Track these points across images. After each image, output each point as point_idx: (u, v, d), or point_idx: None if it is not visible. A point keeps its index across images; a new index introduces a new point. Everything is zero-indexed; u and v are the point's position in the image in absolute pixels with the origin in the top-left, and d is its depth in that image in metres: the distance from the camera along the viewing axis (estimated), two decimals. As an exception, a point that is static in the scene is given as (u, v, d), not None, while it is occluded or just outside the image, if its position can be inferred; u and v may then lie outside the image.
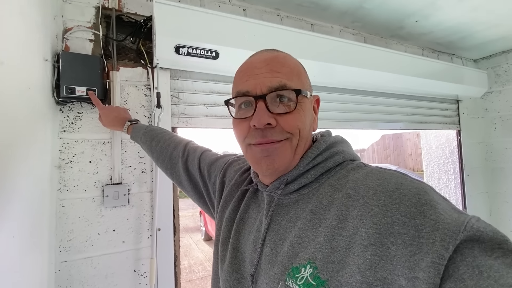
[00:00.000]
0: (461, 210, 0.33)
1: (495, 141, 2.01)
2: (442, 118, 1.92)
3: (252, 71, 0.45)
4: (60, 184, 0.91)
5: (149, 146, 0.83)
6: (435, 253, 0.28)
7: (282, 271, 0.40)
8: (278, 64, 0.45)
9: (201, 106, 1.15)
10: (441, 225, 0.30)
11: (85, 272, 0.92)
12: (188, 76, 1.13)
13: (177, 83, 1.11)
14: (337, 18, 1.43)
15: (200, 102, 1.15)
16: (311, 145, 0.48)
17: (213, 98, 1.18)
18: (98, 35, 0.98)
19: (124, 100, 1.02)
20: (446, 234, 0.29)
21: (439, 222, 0.30)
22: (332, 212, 0.39)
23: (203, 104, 1.16)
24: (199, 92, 1.15)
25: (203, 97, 1.16)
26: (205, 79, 1.17)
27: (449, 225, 0.29)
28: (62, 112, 0.94)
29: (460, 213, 0.32)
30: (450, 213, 0.31)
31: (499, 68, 1.97)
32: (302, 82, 0.47)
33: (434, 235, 0.29)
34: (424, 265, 0.28)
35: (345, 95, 1.51)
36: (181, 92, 1.12)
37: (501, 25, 1.52)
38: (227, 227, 0.54)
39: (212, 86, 1.18)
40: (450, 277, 0.27)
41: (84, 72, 0.91)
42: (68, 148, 0.93)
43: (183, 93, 1.12)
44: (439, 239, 0.29)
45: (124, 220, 0.99)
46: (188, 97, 1.13)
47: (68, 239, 0.91)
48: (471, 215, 0.31)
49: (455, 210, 0.33)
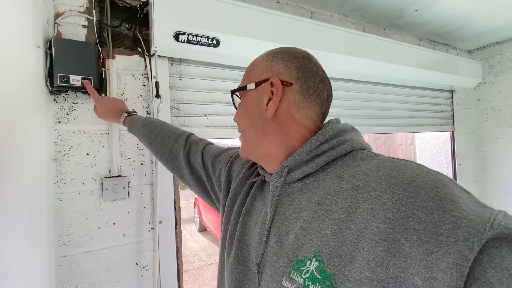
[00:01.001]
0: (485, 204, 0.31)
1: (486, 131, 2.06)
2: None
3: None
4: (57, 178, 0.88)
5: (148, 139, 0.80)
6: (457, 253, 0.26)
7: (286, 263, 0.39)
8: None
9: (202, 117, 1.13)
10: (463, 222, 0.27)
11: (85, 266, 0.90)
12: (188, 85, 1.11)
13: (176, 93, 1.08)
14: (337, 6, 1.41)
15: (201, 113, 1.13)
16: (314, 131, 0.46)
17: (214, 108, 1.16)
18: (92, 21, 0.93)
19: (121, 89, 0.98)
20: (470, 232, 0.26)
21: (461, 218, 0.28)
22: (339, 203, 0.37)
23: (204, 114, 1.14)
24: (200, 103, 1.13)
25: (204, 108, 1.14)
26: (205, 89, 1.14)
27: (473, 222, 0.27)
28: (56, 102, 0.89)
29: (484, 207, 0.30)
30: (473, 208, 0.29)
31: (493, 59, 2.00)
32: (248, 77, 0.50)
33: (456, 233, 0.27)
34: (444, 265, 0.26)
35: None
36: (181, 103, 1.09)
37: (498, 14, 1.52)
38: (235, 220, 0.53)
39: (213, 96, 1.16)
40: (476, 281, 0.25)
41: (78, 60, 0.86)
42: (64, 140, 0.90)
43: (183, 103, 1.09)
44: (462, 238, 0.26)
45: (125, 213, 0.97)
46: (188, 107, 1.11)
47: (67, 234, 0.88)
48: (497, 210, 0.28)
49: (478, 204, 0.30)
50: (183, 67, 1.10)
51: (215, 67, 1.16)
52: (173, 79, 1.07)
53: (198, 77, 1.13)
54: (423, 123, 1.86)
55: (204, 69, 1.14)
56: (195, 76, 1.12)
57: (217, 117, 1.16)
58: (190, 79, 1.11)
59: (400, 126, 1.74)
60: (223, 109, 1.17)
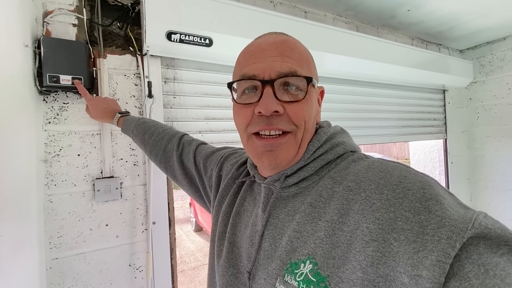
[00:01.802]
0: (467, 206, 0.32)
1: (477, 130, 2.09)
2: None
3: (261, 53, 0.42)
4: (47, 179, 0.87)
5: (141, 139, 0.79)
6: (440, 251, 0.27)
7: (280, 266, 0.39)
8: (289, 49, 0.42)
9: (197, 134, 1.12)
10: (447, 221, 0.28)
11: (78, 268, 0.89)
12: (182, 104, 1.09)
13: (170, 111, 1.07)
14: (331, 6, 1.41)
15: (195, 130, 1.11)
16: (312, 137, 0.46)
17: (208, 125, 1.14)
18: (82, 20, 0.92)
19: (112, 89, 0.97)
20: (453, 231, 0.27)
21: (445, 218, 0.29)
22: (332, 206, 0.37)
23: (198, 131, 1.12)
24: (194, 120, 1.11)
25: (198, 124, 1.13)
26: (200, 106, 1.13)
27: (456, 222, 0.28)
28: (46, 102, 0.88)
29: (466, 208, 0.31)
30: (456, 209, 0.30)
31: (484, 58, 2.03)
32: (311, 70, 0.44)
33: (440, 232, 0.28)
34: (428, 263, 0.27)
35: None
36: (176, 120, 1.08)
37: (488, 15, 1.54)
38: (224, 221, 0.53)
39: (207, 113, 1.14)
40: (455, 276, 0.27)
41: (68, 59, 0.85)
42: (54, 141, 0.88)
43: (177, 121, 1.08)
44: (445, 237, 0.27)
45: (117, 214, 0.96)
46: (183, 125, 1.09)
47: (58, 236, 0.87)
48: (478, 211, 0.30)
49: (461, 205, 0.32)
50: (177, 85, 1.08)
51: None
52: (167, 97, 1.06)
53: (192, 94, 1.11)
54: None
55: (198, 86, 1.12)
56: (189, 94, 1.11)
57: (211, 133, 1.15)
58: (184, 96, 1.10)
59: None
60: (218, 125, 1.16)
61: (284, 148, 0.41)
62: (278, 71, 0.40)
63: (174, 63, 1.07)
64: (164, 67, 1.05)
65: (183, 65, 1.09)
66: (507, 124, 1.92)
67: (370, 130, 1.65)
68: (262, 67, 0.41)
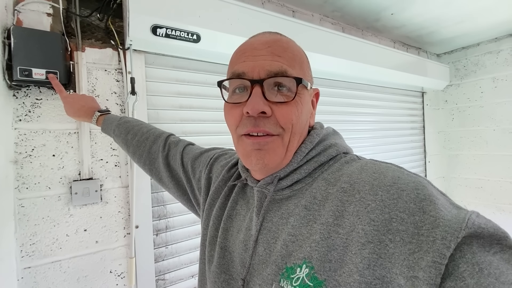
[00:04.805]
0: (459, 205, 0.32)
1: (452, 131, 2.20)
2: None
3: (252, 52, 0.41)
4: (18, 182, 0.80)
5: (124, 140, 0.74)
6: (436, 251, 0.27)
7: (275, 271, 0.37)
8: (281, 48, 0.41)
9: None
10: (441, 221, 0.28)
11: (52, 277, 0.83)
12: None
13: None
14: (318, 6, 1.42)
15: None
16: (304, 139, 0.45)
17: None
18: (58, 9, 0.85)
19: (91, 85, 0.91)
20: (448, 231, 0.27)
21: (439, 218, 0.29)
22: (327, 208, 0.37)
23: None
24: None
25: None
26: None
27: (450, 222, 0.28)
28: (16, 98, 0.80)
29: (459, 208, 0.31)
30: (449, 209, 0.30)
31: (459, 63, 2.13)
32: (303, 71, 0.43)
33: (434, 233, 0.28)
34: (424, 264, 0.27)
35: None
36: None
37: (464, 21, 1.62)
38: (214, 225, 0.51)
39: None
40: (450, 276, 0.27)
41: (42, 51, 0.78)
42: (25, 140, 0.81)
43: None
44: (440, 237, 0.27)
45: (97, 218, 0.90)
46: None
47: (31, 243, 0.80)
48: (470, 211, 0.30)
49: (454, 205, 0.32)
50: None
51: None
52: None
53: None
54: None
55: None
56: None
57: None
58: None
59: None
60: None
61: (271, 148, 0.40)
62: (268, 70, 0.39)
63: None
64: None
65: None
66: (479, 126, 2.03)
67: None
68: (252, 65, 0.40)
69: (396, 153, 1.93)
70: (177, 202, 1.01)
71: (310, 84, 0.45)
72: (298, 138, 0.43)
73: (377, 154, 1.79)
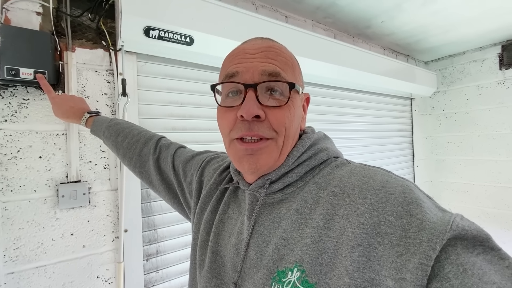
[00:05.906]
0: (444, 208, 0.33)
1: (439, 136, 2.26)
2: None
3: (244, 56, 0.41)
4: (2, 184, 0.77)
5: (114, 142, 0.73)
6: (422, 253, 0.28)
7: (267, 275, 0.38)
8: (273, 53, 0.42)
9: None
10: (427, 224, 0.29)
11: (37, 283, 0.80)
12: None
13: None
14: (311, 12, 1.44)
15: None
16: (296, 142, 0.46)
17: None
18: (48, 8, 0.83)
19: (81, 86, 0.89)
20: (433, 234, 0.28)
21: (425, 221, 0.30)
22: (318, 211, 0.37)
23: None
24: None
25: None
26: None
27: (435, 225, 0.29)
28: (2, 98, 0.78)
29: (444, 211, 0.32)
30: (435, 212, 0.31)
31: (445, 70, 2.20)
32: (295, 76, 0.44)
33: (421, 235, 0.29)
34: (411, 266, 0.28)
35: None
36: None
37: (451, 30, 1.68)
38: (206, 229, 0.50)
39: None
40: (435, 277, 0.27)
41: (30, 51, 0.77)
42: (11, 141, 0.79)
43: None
44: (426, 239, 0.28)
45: (84, 222, 0.88)
46: None
47: (14, 248, 0.78)
48: (455, 214, 0.31)
49: (439, 208, 0.33)
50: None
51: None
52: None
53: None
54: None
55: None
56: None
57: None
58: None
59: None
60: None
61: (265, 152, 0.40)
62: (262, 70, 0.40)
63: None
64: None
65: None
66: (465, 131, 2.09)
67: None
68: (245, 66, 0.40)
69: (385, 158, 1.97)
70: (168, 225, 1.02)
71: (302, 89, 0.46)
72: (291, 141, 0.43)
73: (367, 158, 1.82)
